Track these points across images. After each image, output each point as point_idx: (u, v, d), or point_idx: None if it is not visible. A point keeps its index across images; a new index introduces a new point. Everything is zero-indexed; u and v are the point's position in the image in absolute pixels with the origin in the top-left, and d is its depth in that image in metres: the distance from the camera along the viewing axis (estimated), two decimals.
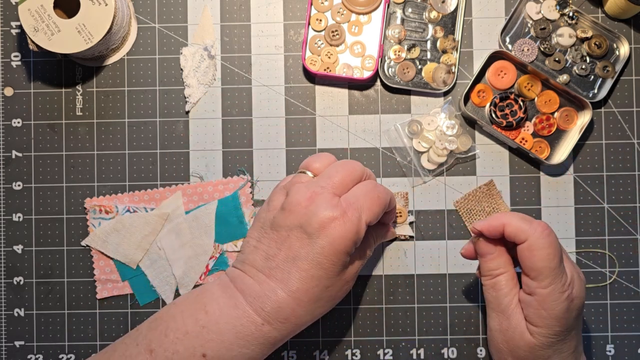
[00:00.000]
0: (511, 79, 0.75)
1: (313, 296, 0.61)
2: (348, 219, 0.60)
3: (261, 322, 0.61)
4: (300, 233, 0.61)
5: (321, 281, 0.61)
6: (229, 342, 0.61)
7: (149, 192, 0.75)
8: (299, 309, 0.61)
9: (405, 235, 0.74)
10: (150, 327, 0.63)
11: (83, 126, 0.76)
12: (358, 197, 0.62)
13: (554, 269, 0.60)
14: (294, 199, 0.61)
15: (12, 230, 0.76)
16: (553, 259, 0.60)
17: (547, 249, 0.60)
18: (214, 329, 0.61)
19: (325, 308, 0.63)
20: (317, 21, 0.75)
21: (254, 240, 0.64)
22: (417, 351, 0.75)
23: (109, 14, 0.70)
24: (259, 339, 0.61)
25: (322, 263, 0.60)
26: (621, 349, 0.75)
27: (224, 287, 0.63)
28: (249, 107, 0.76)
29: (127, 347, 0.63)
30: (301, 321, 0.62)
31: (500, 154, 0.76)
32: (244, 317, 0.61)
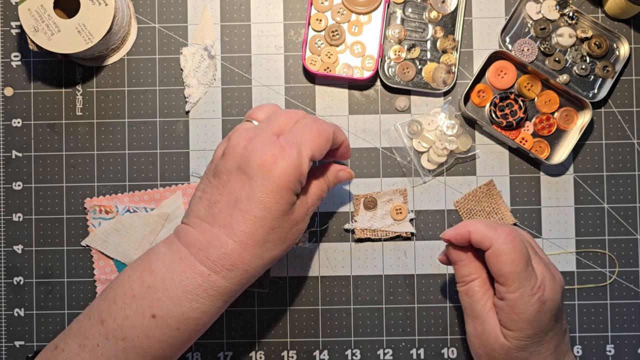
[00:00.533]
0: (511, 79, 0.75)
1: (259, 239, 0.59)
2: (287, 155, 0.58)
3: (207, 272, 0.59)
4: (240, 174, 0.59)
5: (266, 222, 0.59)
6: (177, 297, 0.59)
7: (149, 192, 0.75)
8: (245, 253, 0.59)
9: (407, 233, 0.74)
10: (101, 298, 0.62)
11: (83, 126, 0.76)
12: (296, 133, 0.60)
13: (520, 272, 0.60)
14: (233, 142, 0.61)
15: (12, 230, 0.76)
16: (518, 264, 0.60)
17: (511, 254, 0.60)
18: (160, 287, 0.59)
19: (274, 252, 0.61)
20: (317, 21, 0.75)
21: (199, 192, 0.62)
22: (417, 351, 0.75)
23: (109, 14, 0.70)
24: (208, 290, 0.59)
25: (264, 202, 0.58)
26: (621, 349, 0.75)
27: (168, 244, 0.62)
28: (249, 107, 0.76)
29: (81, 323, 0.62)
30: (250, 267, 0.60)
31: (500, 154, 0.76)
32: (189, 269, 0.59)
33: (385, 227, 0.74)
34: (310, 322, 0.75)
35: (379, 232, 0.74)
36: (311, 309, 0.75)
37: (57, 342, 0.63)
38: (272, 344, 0.75)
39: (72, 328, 0.63)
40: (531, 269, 0.61)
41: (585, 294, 0.75)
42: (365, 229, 0.74)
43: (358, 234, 0.74)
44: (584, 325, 0.75)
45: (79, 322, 0.63)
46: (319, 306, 0.75)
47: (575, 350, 0.75)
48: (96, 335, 0.60)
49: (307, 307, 0.75)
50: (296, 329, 0.75)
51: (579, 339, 0.75)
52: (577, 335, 0.75)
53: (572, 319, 0.75)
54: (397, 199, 0.74)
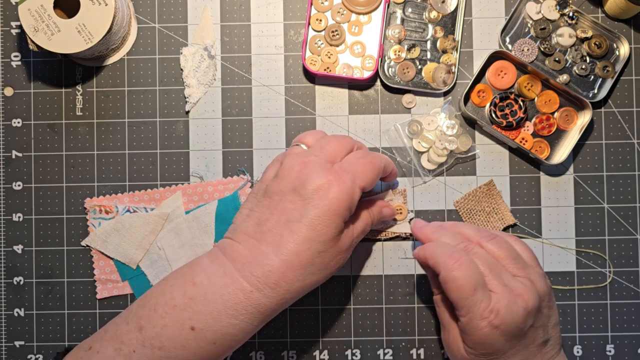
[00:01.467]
0: (511, 79, 0.75)
1: (305, 260, 0.60)
2: (342, 182, 0.60)
3: (250, 289, 0.60)
4: (294, 196, 0.61)
5: (313, 244, 0.60)
6: (217, 312, 0.60)
7: (149, 192, 0.75)
8: (290, 272, 0.60)
9: (407, 233, 0.74)
10: (140, 305, 0.62)
11: (83, 126, 0.76)
12: (351, 163, 0.63)
13: (466, 299, 0.61)
14: (287, 165, 0.62)
15: (12, 230, 0.76)
16: (462, 291, 0.61)
17: (455, 282, 0.61)
18: (202, 299, 0.60)
19: (317, 277, 0.61)
20: (317, 21, 0.75)
21: (246, 210, 0.64)
22: (417, 351, 0.75)
23: (109, 14, 0.70)
24: (248, 307, 0.60)
25: (315, 225, 0.60)
26: (621, 349, 0.75)
27: (213, 257, 0.62)
28: (249, 107, 0.76)
29: (118, 326, 0.62)
30: (292, 287, 0.60)
31: (500, 154, 0.76)
32: (232, 284, 0.60)
33: (385, 228, 0.74)
34: (310, 322, 0.75)
35: (376, 233, 0.74)
36: (311, 309, 0.75)
37: (91, 343, 0.63)
38: (272, 344, 0.75)
39: (108, 331, 0.63)
40: (481, 295, 0.61)
41: (585, 294, 0.75)
42: (375, 230, 0.75)
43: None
44: (584, 325, 0.75)
45: (116, 325, 0.63)
46: (319, 306, 0.75)
47: (575, 350, 0.75)
48: (133, 341, 0.61)
49: (307, 307, 0.75)
50: (296, 329, 0.75)
51: (579, 339, 0.75)
52: (577, 335, 0.75)
53: (572, 319, 0.75)
54: (397, 199, 0.74)
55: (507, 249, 0.65)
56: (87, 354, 0.62)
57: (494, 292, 0.61)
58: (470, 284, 0.61)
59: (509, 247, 0.65)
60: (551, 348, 0.65)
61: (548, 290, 0.65)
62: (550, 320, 0.65)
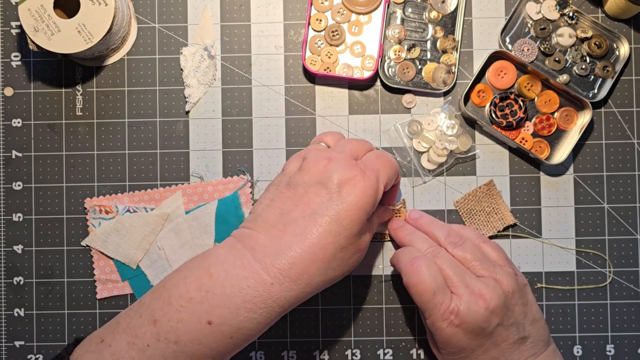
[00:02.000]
0: (511, 79, 0.75)
1: (328, 254, 0.59)
2: (367, 177, 0.61)
3: (271, 281, 0.58)
4: (320, 189, 0.60)
5: (338, 239, 0.59)
6: (236, 306, 0.58)
7: (149, 192, 0.75)
8: (313, 266, 0.59)
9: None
10: (154, 297, 0.61)
11: (83, 126, 0.76)
12: (372, 160, 0.63)
13: (427, 302, 0.63)
14: (312, 159, 0.63)
15: (12, 230, 0.76)
16: (422, 295, 0.63)
17: (415, 287, 0.63)
18: (219, 293, 0.58)
19: (337, 272, 0.61)
20: (317, 21, 0.75)
21: (267, 200, 0.63)
22: (417, 351, 0.75)
23: (109, 14, 0.70)
24: (267, 300, 0.59)
25: (341, 219, 0.59)
26: (621, 349, 0.75)
27: (230, 247, 0.61)
28: (249, 107, 0.76)
29: (130, 319, 0.61)
30: (313, 281, 0.59)
31: (500, 154, 0.76)
32: (251, 277, 0.58)
33: (385, 230, 0.74)
34: (310, 322, 0.75)
35: (379, 235, 0.74)
36: (311, 309, 0.75)
37: (103, 336, 0.61)
38: (272, 344, 0.75)
39: (120, 323, 0.61)
40: (441, 297, 0.62)
41: (585, 294, 0.75)
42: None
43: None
44: (584, 325, 0.75)
45: (128, 317, 0.61)
46: (319, 306, 0.75)
47: (575, 350, 0.75)
48: (147, 335, 0.59)
49: (307, 307, 0.75)
50: (296, 329, 0.75)
51: (579, 339, 0.75)
52: (577, 335, 0.75)
53: (572, 319, 0.75)
54: (396, 203, 0.74)
55: (473, 252, 0.67)
56: (99, 347, 0.60)
57: (455, 293, 0.63)
58: (430, 288, 0.62)
59: (474, 250, 0.67)
60: (532, 345, 0.65)
61: (518, 288, 0.66)
62: (527, 318, 0.65)
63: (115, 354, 0.59)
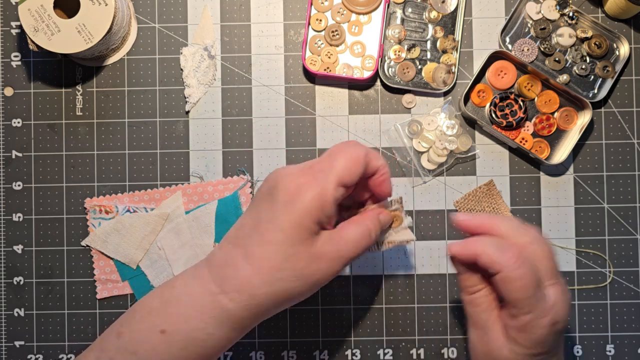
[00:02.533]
0: (511, 79, 0.75)
1: (273, 264, 0.57)
2: (312, 179, 0.57)
3: (217, 291, 0.58)
4: (267, 197, 0.58)
5: (281, 247, 0.56)
6: (187, 315, 0.58)
7: (149, 192, 0.75)
8: (256, 277, 0.57)
9: (407, 241, 0.66)
10: (126, 312, 0.62)
11: (83, 126, 0.76)
12: (325, 159, 0.59)
13: (530, 298, 0.58)
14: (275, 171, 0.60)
15: (12, 230, 0.76)
16: (528, 290, 0.57)
17: (520, 281, 0.57)
18: (175, 302, 0.59)
19: (287, 285, 0.57)
20: (317, 21, 0.75)
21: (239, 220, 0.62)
22: (417, 351, 0.75)
23: (109, 14, 0.70)
24: (215, 310, 0.58)
25: (282, 225, 0.56)
26: (621, 349, 0.75)
27: (196, 264, 0.62)
28: (249, 107, 0.76)
29: (103, 335, 0.62)
30: (257, 292, 0.57)
31: (500, 154, 0.76)
32: (202, 285, 0.58)
33: (386, 238, 0.66)
34: (310, 322, 0.75)
35: (378, 244, 0.66)
36: (311, 309, 0.75)
37: (80, 356, 0.63)
38: (272, 344, 0.75)
39: (96, 340, 0.63)
40: (542, 293, 0.58)
41: (585, 294, 0.75)
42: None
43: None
44: (584, 325, 0.75)
45: (102, 334, 0.63)
46: (319, 306, 0.75)
47: (575, 350, 0.75)
48: (111, 348, 0.60)
49: (307, 307, 0.75)
50: (296, 329, 0.75)
51: (579, 339, 0.75)
52: (577, 335, 0.75)
53: (572, 319, 0.75)
54: (393, 205, 0.66)
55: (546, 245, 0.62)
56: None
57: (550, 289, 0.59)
58: (535, 282, 0.58)
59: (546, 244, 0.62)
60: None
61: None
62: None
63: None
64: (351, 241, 0.59)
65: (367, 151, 0.60)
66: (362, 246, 0.60)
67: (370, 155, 0.60)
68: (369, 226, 0.61)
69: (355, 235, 0.60)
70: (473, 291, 0.62)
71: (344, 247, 0.59)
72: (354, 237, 0.60)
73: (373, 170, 0.61)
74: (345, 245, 0.59)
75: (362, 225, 0.60)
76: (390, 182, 0.63)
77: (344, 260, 0.59)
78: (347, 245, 0.59)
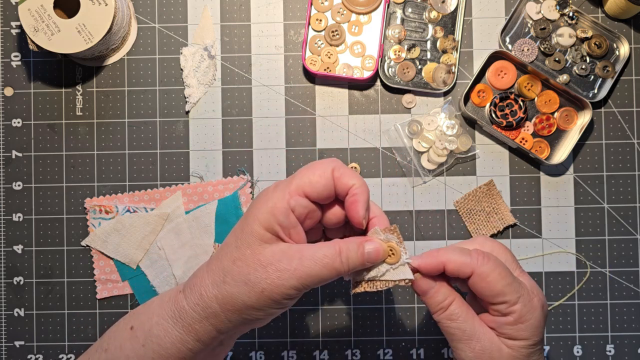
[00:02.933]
0: (511, 79, 0.75)
1: (221, 266, 0.56)
2: (274, 186, 0.56)
3: (178, 289, 0.58)
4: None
5: (231, 249, 0.56)
6: (151, 311, 0.59)
7: (149, 192, 0.75)
8: (207, 277, 0.56)
9: (406, 281, 0.58)
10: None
11: (83, 126, 0.76)
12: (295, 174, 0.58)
13: (512, 282, 0.57)
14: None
15: (12, 230, 0.76)
16: (506, 276, 0.57)
17: (495, 271, 0.56)
18: (151, 301, 0.60)
19: (233, 289, 0.55)
20: (317, 21, 0.75)
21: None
22: (417, 351, 0.75)
23: (109, 14, 0.70)
24: (173, 306, 0.57)
25: (235, 228, 0.57)
26: (621, 349, 0.75)
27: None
28: (249, 107, 0.76)
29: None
30: (205, 292, 0.56)
31: (500, 154, 0.76)
32: (170, 284, 0.60)
33: (380, 276, 0.58)
34: (310, 322, 0.75)
35: (375, 283, 0.58)
36: (311, 309, 0.75)
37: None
38: (272, 344, 0.75)
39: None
40: (518, 279, 0.58)
41: (585, 294, 0.75)
42: (359, 281, 0.58)
43: (354, 287, 0.59)
44: (584, 325, 0.75)
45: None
46: (319, 306, 0.75)
47: (575, 350, 0.75)
48: (92, 349, 0.61)
49: (307, 307, 0.75)
50: (296, 329, 0.75)
51: (579, 339, 0.75)
52: (577, 335, 0.75)
53: (572, 319, 0.75)
54: (389, 237, 0.57)
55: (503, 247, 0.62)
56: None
57: (520, 277, 0.59)
58: (507, 270, 0.57)
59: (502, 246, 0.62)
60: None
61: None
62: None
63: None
64: (311, 258, 0.54)
65: (338, 167, 0.57)
66: (326, 266, 0.54)
67: (342, 171, 0.57)
68: (341, 248, 0.55)
69: (318, 254, 0.54)
70: (446, 305, 0.59)
71: (300, 262, 0.54)
72: (317, 255, 0.54)
73: (344, 188, 0.57)
74: (302, 260, 0.54)
75: (331, 245, 0.55)
76: (361, 206, 0.56)
77: (299, 275, 0.54)
78: (305, 261, 0.54)
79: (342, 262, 0.55)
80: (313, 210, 0.57)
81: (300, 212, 0.56)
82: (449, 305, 0.59)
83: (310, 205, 0.57)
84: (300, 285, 0.54)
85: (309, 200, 0.56)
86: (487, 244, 0.60)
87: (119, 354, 0.58)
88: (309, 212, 0.57)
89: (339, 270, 0.55)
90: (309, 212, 0.57)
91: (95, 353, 0.60)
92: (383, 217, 0.59)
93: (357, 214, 0.56)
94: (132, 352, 0.58)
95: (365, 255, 0.56)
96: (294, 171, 0.74)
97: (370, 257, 0.56)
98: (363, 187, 0.57)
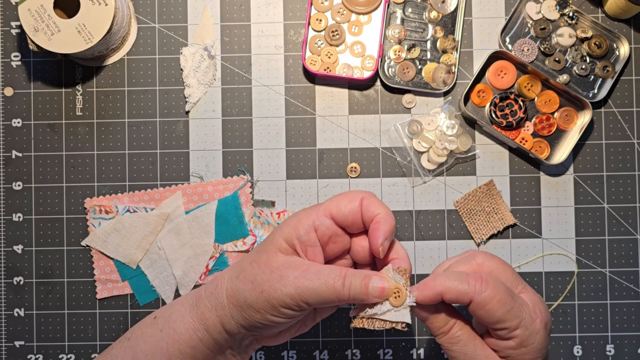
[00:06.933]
0: (511, 79, 0.75)
1: (241, 265, 0.60)
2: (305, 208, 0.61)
3: (203, 285, 0.64)
4: None
5: (253, 253, 0.60)
6: (175, 301, 0.63)
7: (149, 192, 0.75)
8: (227, 272, 0.61)
9: (403, 325, 0.57)
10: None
11: (83, 126, 0.76)
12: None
13: (513, 308, 0.56)
14: None
15: (12, 230, 0.76)
16: (506, 302, 0.56)
17: (495, 298, 0.55)
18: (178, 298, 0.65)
19: (241, 285, 0.58)
20: (317, 21, 0.75)
21: None
22: (417, 351, 0.75)
23: (109, 14, 0.70)
24: (194, 294, 0.62)
25: (264, 239, 0.61)
26: (621, 349, 0.75)
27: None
28: (249, 107, 0.76)
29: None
30: (220, 283, 0.60)
31: (500, 154, 0.76)
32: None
33: (380, 314, 0.57)
34: None
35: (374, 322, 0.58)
36: None
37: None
38: None
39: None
40: (519, 299, 0.57)
41: (585, 294, 0.75)
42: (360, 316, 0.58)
43: (353, 320, 0.59)
44: (584, 325, 0.75)
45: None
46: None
47: (575, 350, 0.75)
48: (116, 341, 0.65)
49: None
50: None
51: (579, 339, 0.75)
52: (577, 335, 0.75)
53: (572, 319, 0.75)
54: (396, 279, 0.57)
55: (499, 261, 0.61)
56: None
57: (523, 295, 0.58)
58: (508, 293, 0.56)
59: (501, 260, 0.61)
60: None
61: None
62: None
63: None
64: (315, 273, 0.56)
65: (368, 196, 0.59)
66: (326, 284, 0.56)
67: (371, 200, 0.59)
68: (347, 273, 0.56)
69: (323, 271, 0.56)
70: (447, 329, 0.59)
71: (303, 274, 0.56)
72: (321, 272, 0.56)
73: (370, 216, 0.58)
74: (306, 272, 0.56)
75: (339, 268, 0.57)
76: (382, 234, 0.57)
77: (298, 285, 0.56)
78: (309, 274, 0.56)
79: (344, 285, 0.56)
80: (337, 235, 0.60)
81: (323, 232, 0.58)
82: (449, 329, 0.59)
83: (335, 227, 0.59)
84: (297, 296, 0.56)
85: (335, 222, 0.59)
86: (486, 264, 0.59)
87: (139, 340, 0.62)
88: (332, 234, 0.59)
89: (339, 293, 0.56)
90: (332, 234, 0.59)
91: (119, 342, 0.64)
92: (405, 261, 0.60)
93: (375, 241, 0.57)
94: (150, 337, 0.62)
95: (370, 289, 0.56)
96: (294, 171, 0.75)
97: (375, 292, 0.57)
98: (388, 217, 0.58)
